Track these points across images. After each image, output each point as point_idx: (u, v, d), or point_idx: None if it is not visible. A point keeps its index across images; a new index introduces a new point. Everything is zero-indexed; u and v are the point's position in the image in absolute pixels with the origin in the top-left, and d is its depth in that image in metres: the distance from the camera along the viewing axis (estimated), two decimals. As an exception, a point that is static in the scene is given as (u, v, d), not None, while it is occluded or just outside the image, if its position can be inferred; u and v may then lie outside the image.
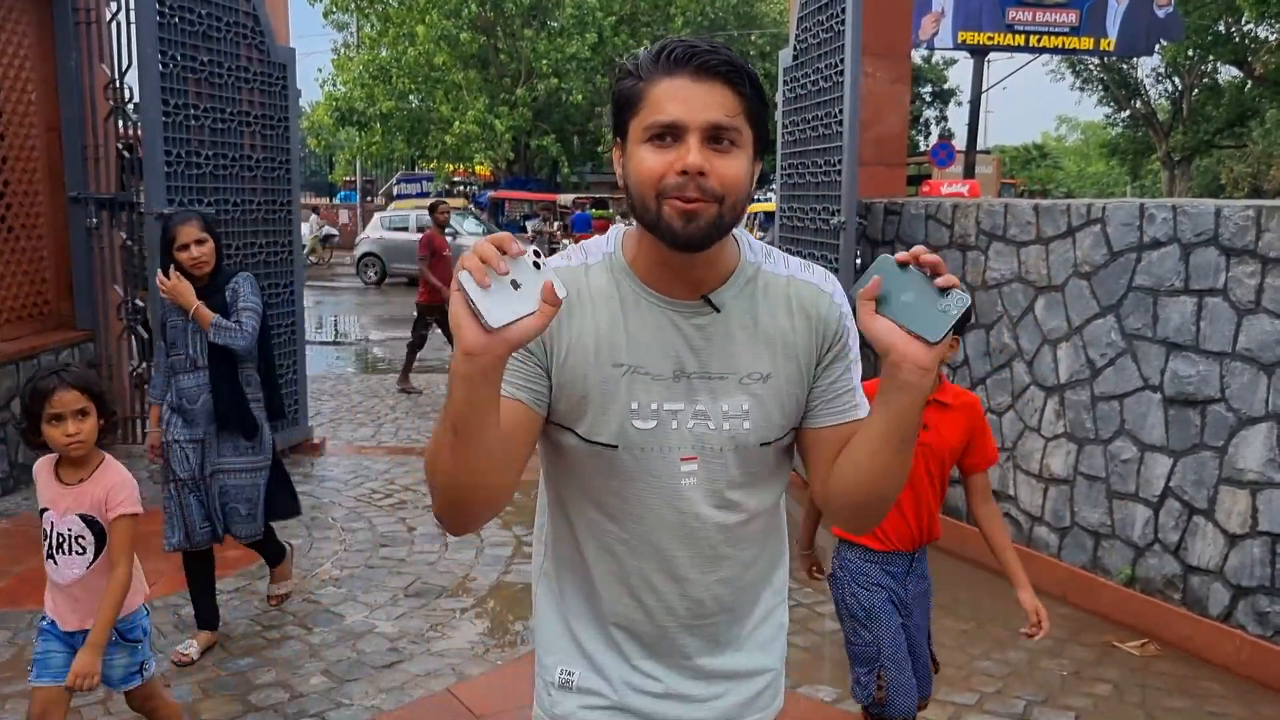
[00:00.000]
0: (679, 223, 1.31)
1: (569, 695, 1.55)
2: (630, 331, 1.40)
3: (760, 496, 1.50)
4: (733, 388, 1.42)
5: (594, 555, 1.50)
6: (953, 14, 16.40)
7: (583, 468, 1.46)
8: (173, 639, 4.05)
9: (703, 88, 1.31)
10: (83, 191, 6.70)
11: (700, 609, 1.51)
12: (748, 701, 1.58)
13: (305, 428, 6.96)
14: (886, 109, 6.24)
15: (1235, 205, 3.94)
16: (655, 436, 1.41)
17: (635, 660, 1.53)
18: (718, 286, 1.42)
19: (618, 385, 1.40)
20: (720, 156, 1.31)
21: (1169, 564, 4.19)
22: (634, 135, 1.35)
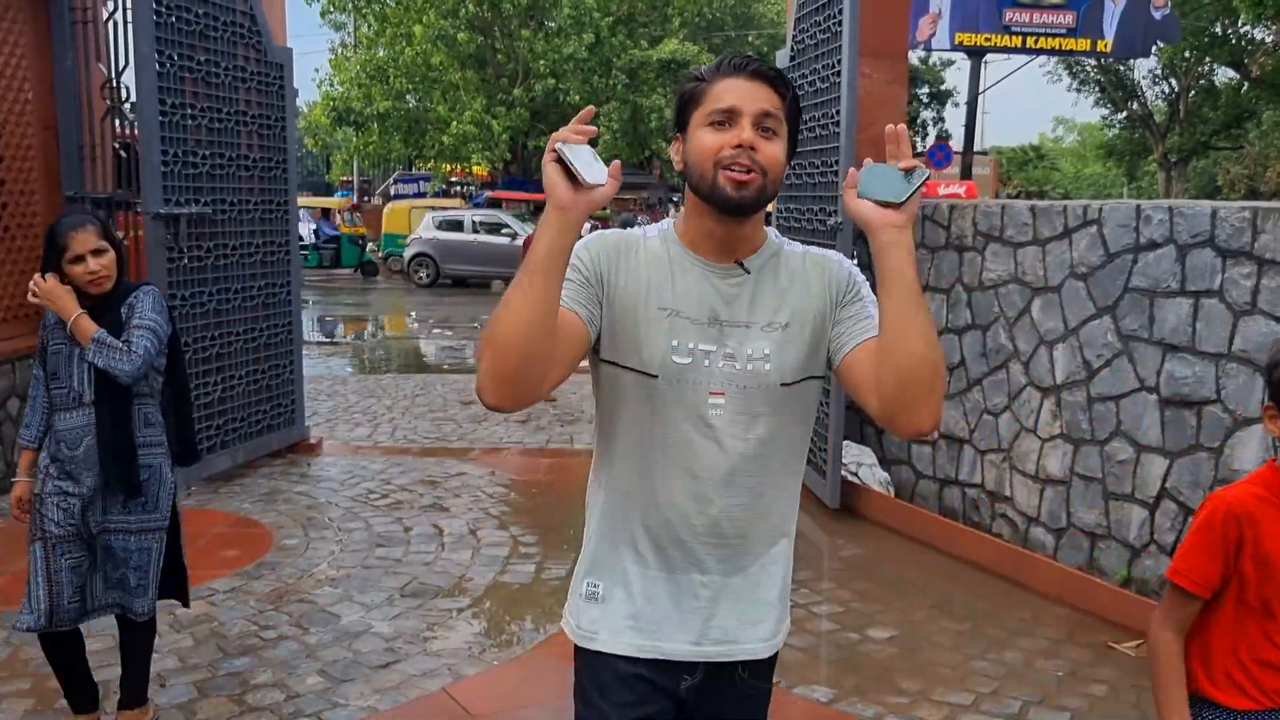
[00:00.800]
0: (732, 189, 1.62)
1: (594, 605, 1.80)
2: (675, 283, 1.69)
3: (778, 435, 1.73)
4: (757, 334, 1.69)
5: (629, 477, 1.75)
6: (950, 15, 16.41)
7: (627, 397, 1.71)
8: (168, 639, 4.05)
9: (755, 85, 1.64)
10: (79, 191, 6.69)
11: (717, 529, 1.73)
12: (748, 624, 1.79)
13: (302, 428, 6.96)
14: (883, 110, 6.24)
15: (1231, 207, 3.95)
16: (690, 371, 1.67)
17: (654, 571, 1.76)
18: (748, 255, 1.73)
19: (661, 324, 1.68)
20: (766, 140, 1.63)
21: (1165, 565, 4.19)
22: (696, 122, 1.66)
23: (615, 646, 1.76)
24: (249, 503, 5.82)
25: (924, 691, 3.75)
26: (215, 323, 6.07)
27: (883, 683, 3.82)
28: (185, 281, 5.84)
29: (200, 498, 5.90)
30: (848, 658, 4.05)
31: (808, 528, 5.59)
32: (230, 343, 6.20)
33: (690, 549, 1.74)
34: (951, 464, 5.40)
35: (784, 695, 3.76)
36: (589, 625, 1.79)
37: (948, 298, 5.39)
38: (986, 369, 5.12)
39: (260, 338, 6.48)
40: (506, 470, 6.62)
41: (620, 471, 1.76)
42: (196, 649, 3.98)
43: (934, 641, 4.19)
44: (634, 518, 1.75)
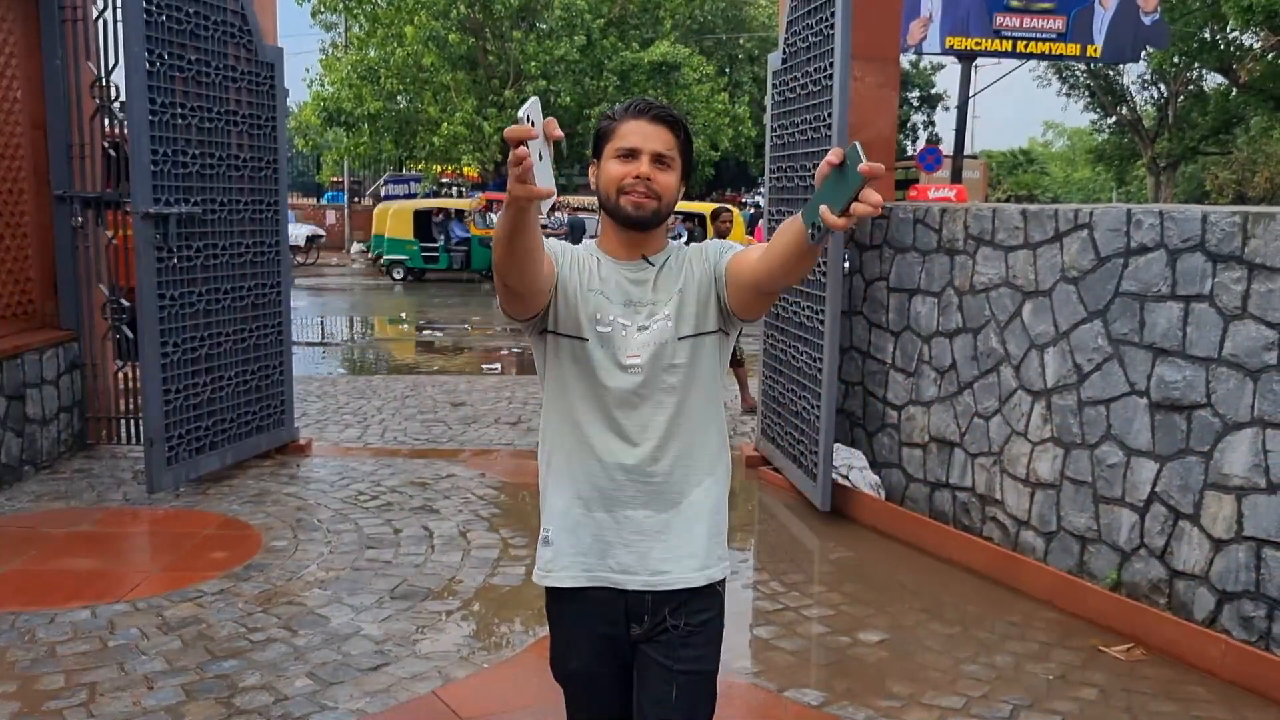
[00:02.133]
0: (631, 208, 2.03)
1: (547, 548, 2.14)
2: (600, 274, 2.11)
3: (689, 382, 2.09)
4: (661, 304, 2.09)
5: (568, 431, 2.11)
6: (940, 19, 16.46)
7: (564, 360, 2.09)
8: (156, 641, 4.03)
9: (654, 128, 2.03)
10: (68, 190, 6.66)
11: (643, 470, 2.08)
12: (677, 557, 2.09)
13: (291, 429, 6.93)
14: (875, 113, 6.25)
15: (1222, 211, 3.96)
16: (610, 337, 2.07)
17: (592, 510, 2.09)
18: (653, 253, 2.13)
19: (590, 301, 2.08)
20: (660, 171, 2.03)
21: (1155, 568, 4.20)
22: (607, 154, 2.06)
23: (564, 580, 2.11)
24: (238, 504, 5.79)
25: (914, 695, 3.75)
26: (204, 323, 6.04)
27: (873, 686, 3.82)
28: (174, 281, 5.81)
29: (189, 499, 5.87)
30: (838, 661, 4.05)
31: (798, 531, 5.58)
32: (219, 343, 6.18)
33: (622, 487, 2.08)
34: (942, 467, 5.40)
35: (775, 699, 3.75)
36: (544, 565, 2.14)
37: (939, 301, 5.40)
38: (977, 372, 5.13)
39: (250, 338, 6.45)
40: (497, 472, 6.60)
41: (561, 428, 2.12)
42: (184, 651, 3.96)
43: (925, 645, 4.19)
44: (575, 466, 2.10)
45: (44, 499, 5.84)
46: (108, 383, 6.96)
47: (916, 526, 5.40)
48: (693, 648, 2.09)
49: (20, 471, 6.15)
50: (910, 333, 5.61)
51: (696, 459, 2.12)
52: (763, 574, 4.95)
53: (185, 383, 5.91)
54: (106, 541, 5.25)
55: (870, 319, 5.96)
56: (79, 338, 6.79)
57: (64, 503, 5.79)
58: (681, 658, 2.08)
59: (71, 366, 6.74)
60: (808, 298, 5.90)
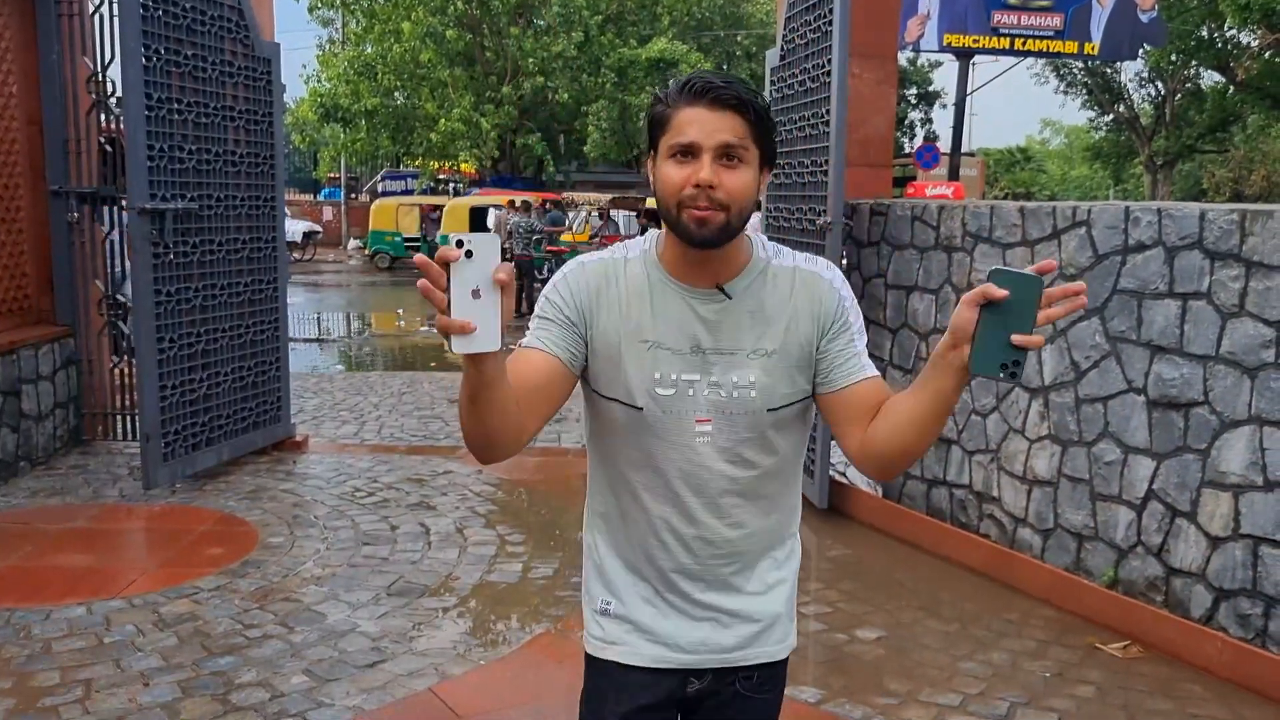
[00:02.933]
0: (694, 227, 1.61)
1: (610, 620, 1.83)
2: (655, 313, 1.70)
3: (768, 458, 1.75)
4: (742, 361, 1.69)
5: (624, 501, 1.79)
6: (938, 16, 16.46)
7: (616, 426, 1.74)
8: (152, 638, 4.02)
9: (716, 115, 1.59)
10: (64, 185, 6.65)
11: (713, 550, 1.76)
12: (755, 635, 1.82)
13: (288, 425, 6.92)
14: (873, 110, 6.24)
15: (1220, 209, 3.95)
16: (674, 402, 1.69)
17: (662, 592, 1.80)
18: (732, 278, 1.70)
19: (644, 358, 1.69)
20: (728, 171, 1.60)
21: (1152, 566, 4.20)
22: (662, 151, 1.64)
23: (630, 659, 1.81)
24: (234, 500, 5.78)
25: (912, 692, 3.75)
26: (201, 319, 6.03)
27: (870, 683, 3.82)
28: (171, 277, 5.80)
29: (185, 495, 5.86)
30: (836, 658, 4.05)
31: (795, 528, 5.58)
32: (216, 339, 6.17)
33: (689, 571, 1.78)
34: (939, 464, 5.40)
35: (771, 696, 3.75)
36: (602, 636, 1.84)
37: (936, 298, 5.39)
38: (975, 370, 5.12)
39: (246, 334, 6.44)
40: (494, 469, 6.60)
41: (616, 493, 1.80)
42: (180, 648, 3.95)
43: (922, 642, 4.19)
44: (634, 539, 1.79)
45: (40, 495, 5.83)
46: (104, 378, 6.95)
47: (914, 524, 5.40)
48: (756, 709, 1.89)
49: (16, 467, 6.13)
50: (908, 330, 5.61)
51: (772, 530, 1.82)
52: (760, 571, 4.95)
53: (181, 379, 5.90)
54: (102, 538, 5.24)
55: (868, 316, 5.95)
56: (75, 333, 6.78)
57: (60, 499, 5.78)
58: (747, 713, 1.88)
59: (67, 362, 6.72)
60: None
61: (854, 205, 5.96)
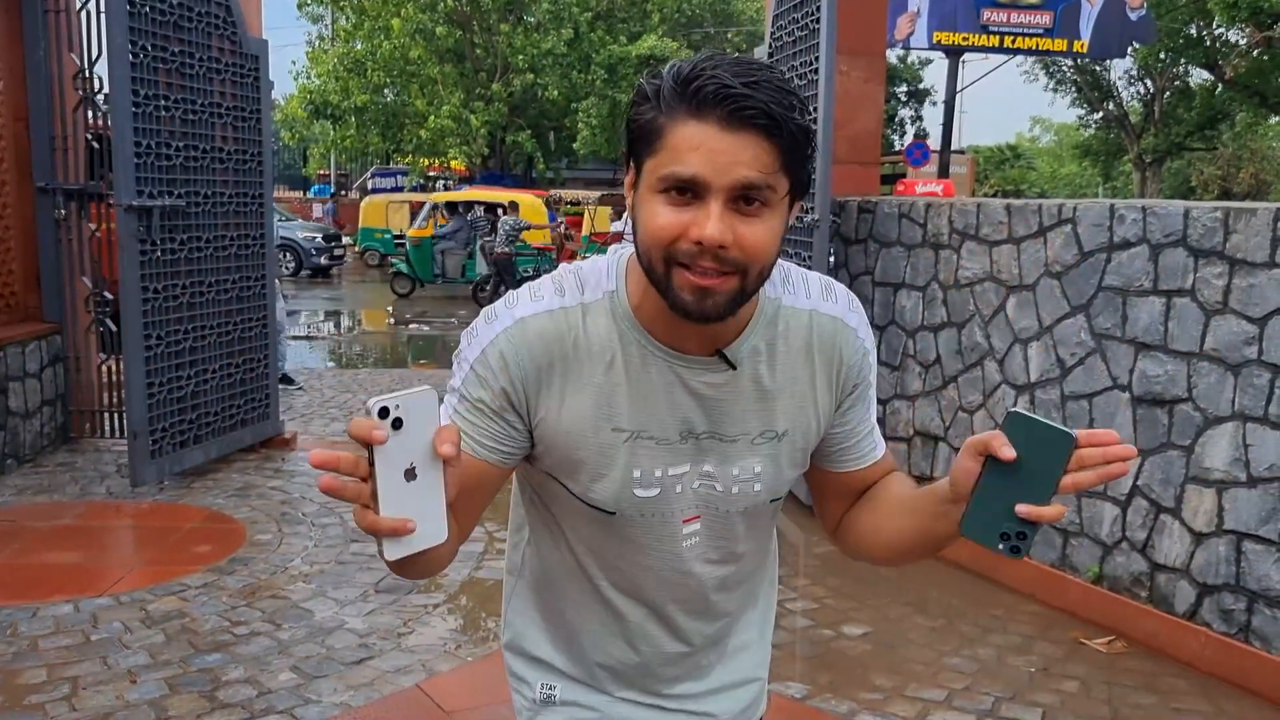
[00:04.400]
0: (691, 297, 1.14)
1: (554, 710, 1.49)
2: (633, 391, 1.26)
3: (760, 543, 1.46)
4: (744, 450, 1.31)
5: (582, 598, 1.43)
6: (928, 14, 16.49)
7: (574, 518, 1.37)
8: (139, 635, 4.01)
9: (733, 139, 1.10)
10: (51, 182, 6.62)
11: (689, 646, 1.46)
12: (726, 710, 1.55)
13: (276, 422, 6.91)
14: (861, 108, 6.26)
15: (1204, 207, 3.98)
16: (656, 503, 1.31)
17: (615, 693, 1.48)
18: (734, 338, 1.27)
19: (617, 451, 1.27)
20: (746, 221, 1.13)
21: (1136, 562, 4.22)
22: (648, 178, 1.16)
23: None
24: (222, 498, 5.78)
25: (897, 688, 3.76)
26: (188, 316, 6.02)
27: (857, 679, 3.84)
28: (158, 275, 5.78)
29: (173, 493, 5.85)
30: (822, 654, 4.06)
31: (783, 524, 5.60)
32: (203, 336, 6.15)
33: (660, 674, 1.47)
34: (927, 461, 5.42)
35: (758, 691, 3.76)
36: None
37: (923, 295, 5.41)
38: (961, 366, 5.14)
39: (234, 332, 6.43)
40: (482, 466, 6.59)
41: (565, 595, 1.45)
42: (167, 645, 3.95)
43: (907, 638, 4.21)
44: (591, 640, 1.45)
45: (26, 492, 5.81)
46: (91, 376, 6.93)
47: (901, 520, 5.42)
48: None
49: (3, 465, 6.11)
50: (895, 327, 5.63)
51: (756, 614, 1.57)
52: (747, 567, 4.96)
53: (169, 376, 5.88)
54: (89, 535, 5.23)
55: (855, 313, 5.97)
56: (62, 330, 6.76)
57: (47, 496, 5.76)
58: None
59: (55, 359, 6.70)
60: (793, 292, 5.91)
61: (842, 202, 5.98)
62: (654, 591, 1.39)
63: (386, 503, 0.97)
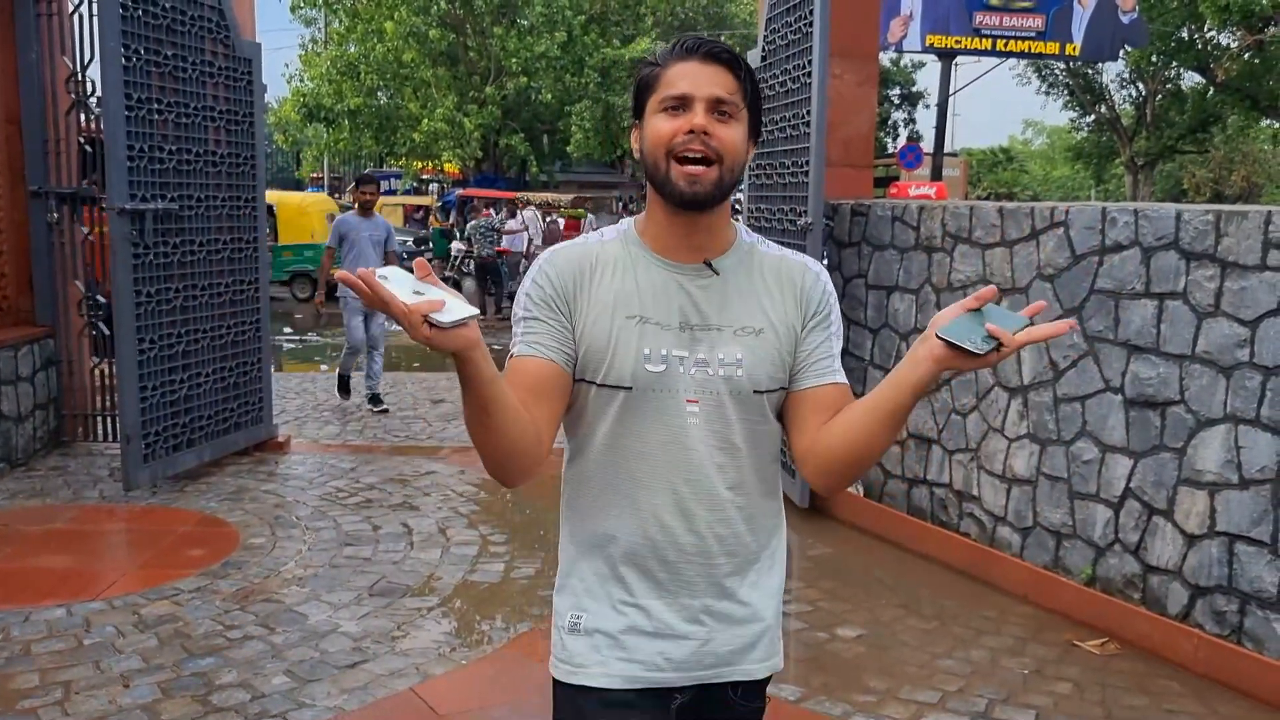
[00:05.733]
0: (684, 184, 1.57)
1: (578, 638, 1.69)
2: (641, 288, 1.64)
3: (755, 447, 1.68)
4: (729, 338, 1.63)
5: (608, 495, 1.67)
6: (921, 17, 16.51)
7: (601, 413, 1.65)
8: (132, 639, 4.01)
9: (708, 69, 1.58)
10: (43, 186, 6.61)
11: (704, 547, 1.66)
12: (740, 649, 1.72)
13: (270, 425, 6.90)
14: (854, 110, 6.27)
15: (1195, 210, 3.99)
16: (664, 379, 1.62)
17: (641, 599, 1.67)
18: (718, 255, 1.66)
19: (631, 332, 1.62)
20: (721, 124, 1.57)
21: (1129, 564, 4.23)
22: (651, 109, 1.61)
23: (603, 680, 1.66)
24: (215, 501, 5.77)
25: (891, 690, 3.77)
26: (182, 320, 6.01)
27: (851, 681, 3.84)
28: (151, 278, 5.77)
29: (166, 496, 5.84)
30: (816, 656, 4.07)
31: (777, 527, 5.59)
32: (197, 340, 6.15)
33: (678, 571, 1.66)
34: (920, 463, 5.43)
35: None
36: (574, 659, 1.68)
37: (916, 298, 5.42)
38: (955, 369, 5.15)
39: (227, 335, 6.42)
40: (476, 469, 6.59)
41: (597, 492, 1.68)
42: (161, 649, 3.94)
43: (901, 640, 4.22)
44: (615, 541, 1.66)
45: (19, 496, 5.80)
46: (84, 379, 6.91)
47: (894, 522, 5.43)
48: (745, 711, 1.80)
49: (-5, 469, 6.10)
50: (888, 330, 5.64)
51: (760, 530, 1.72)
52: (741, 570, 4.96)
53: (162, 379, 5.88)
54: (82, 539, 5.22)
55: (848, 316, 5.98)
56: (55, 334, 6.74)
57: (40, 500, 5.75)
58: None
59: (47, 363, 6.69)
60: (787, 295, 5.91)
61: (835, 205, 5.99)
62: (666, 470, 1.64)
63: (409, 301, 1.31)
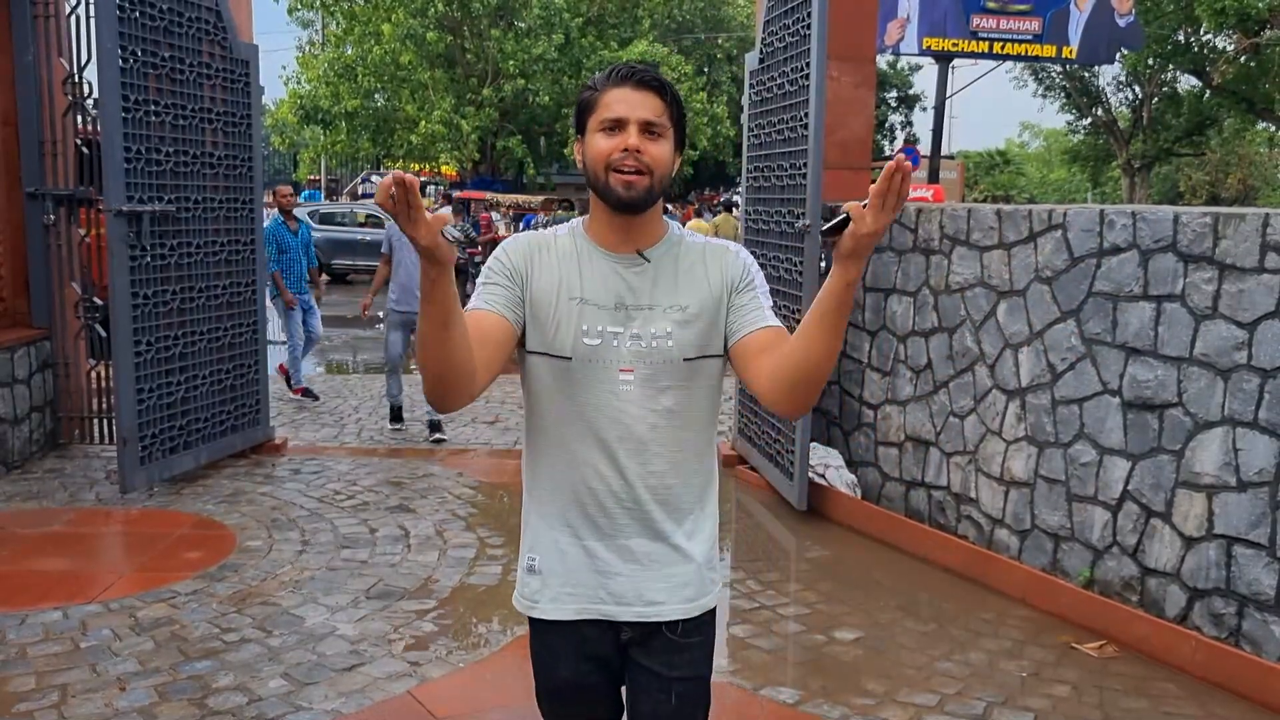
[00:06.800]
0: (621, 189, 1.82)
1: (533, 576, 1.99)
2: (583, 275, 1.90)
3: (686, 406, 1.92)
4: (659, 316, 1.89)
5: (554, 454, 1.94)
6: (918, 20, 16.52)
7: (547, 381, 1.91)
8: (129, 642, 4.00)
9: (639, 94, 1.84)
10: (40, 187, 6.60)
11: (635, 495, 1.91)
12: (672, 589, 1.96)
13: (267, 428, 6.89)
14: (851, 113, 6.27)
15: (1193, 212, 3.99)
16: (599, 351, 1.87)
17: (584, 539, 1.94)
18: (651, 246, 1.93)
19: (573, 312, 1.88)
20: (651, 141, 1.83)
21: (1127, 566, 4.23)
22: (591, 128, 1.86)
23: (554, 613, 1.97)
24: (212, 504, 5.75)
25: (889, 692, 3.76)
26: (179, 322, 6.00)
27: (849, 684, 3.83)
28: (148, 280, 5.76)
29: (162, 499, 5.83)
30: (814, 659, 4.06)
31: (775, 529, 5.59)
32: (194, 342, 6.13)
33: (614, 516, 1.92)
34: (918, 466, 5.43)
35: (750, 697, 3.76)
36: (531, 595, 1.99)
37: (914, 300, 5.42)
38: (953, 371, 5.15)
39: (224, 337, 6.41)
40: (473, 472, 6.59)
41: (546, 450, 1.95)
42: (157, 652, 3.93)
43: (899, 643, 4.21)
44: (562, 491, 1.94)
45: (15, 499, 5.78)
46: (80, 381, 6.90)
47: (892, 525, 5.42)
48: (688, 652, 1.99)
49: (-9, 471, 6.09)
50: (886, 332, 5.64)
51: (691, 485, 1.97)
52: (739, 573, 4.96)
53: (159, 381, 5.86)
54: (79, 542, 5.21)
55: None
56: (51, 335, 6.73)
57: (36, 503, 5.73)
58: (676, 664, 1.97)
59: (44, 365, 6.68)
60: (784, 297, 5.92)
61: (833, 208, 5.98)
62: (602, 429, 1.89)
63: None
